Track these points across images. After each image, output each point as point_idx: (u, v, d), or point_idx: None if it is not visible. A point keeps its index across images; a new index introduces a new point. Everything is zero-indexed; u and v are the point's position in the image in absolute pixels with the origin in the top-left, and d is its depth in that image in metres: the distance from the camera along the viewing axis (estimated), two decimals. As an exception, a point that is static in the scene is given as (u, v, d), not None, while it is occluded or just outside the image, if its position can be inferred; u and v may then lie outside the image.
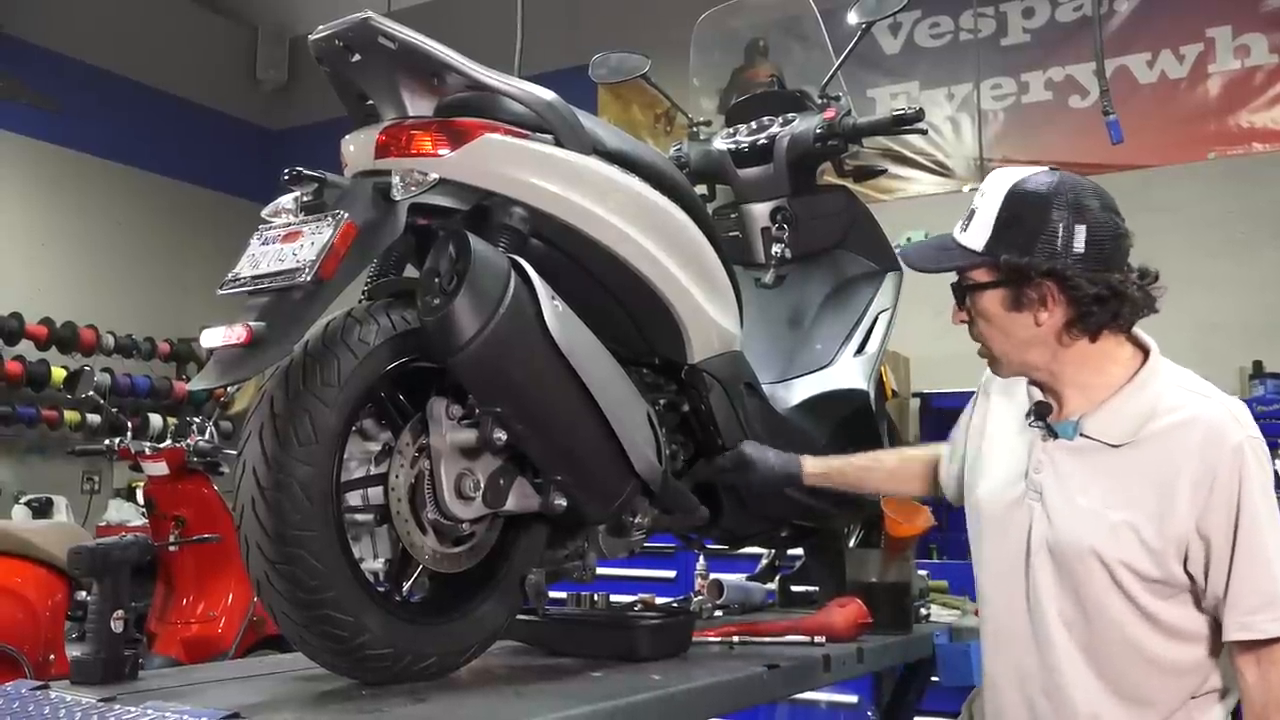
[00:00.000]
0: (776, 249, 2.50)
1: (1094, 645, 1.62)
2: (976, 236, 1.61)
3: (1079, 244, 1.55)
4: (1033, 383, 1.70)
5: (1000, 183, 1.62)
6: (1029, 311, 1.60)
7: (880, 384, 2.59)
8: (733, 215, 2.59)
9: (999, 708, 1.74)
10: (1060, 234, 1.55)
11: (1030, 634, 1.68)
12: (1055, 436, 1.66)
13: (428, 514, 1.60)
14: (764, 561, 2.87)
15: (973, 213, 1.64)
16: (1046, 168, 1.66)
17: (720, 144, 2.60)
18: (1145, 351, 1.67)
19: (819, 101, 2.58)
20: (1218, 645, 1.62)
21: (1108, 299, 1.57)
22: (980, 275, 1.63)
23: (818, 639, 2.11)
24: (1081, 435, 1.64)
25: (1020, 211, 1.58)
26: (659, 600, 2.42)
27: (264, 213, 1.59)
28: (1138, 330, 1.68)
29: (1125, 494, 1.58)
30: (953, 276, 1.70)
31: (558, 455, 1.66)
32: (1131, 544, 1.56)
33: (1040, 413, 1.68)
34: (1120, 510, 1.58)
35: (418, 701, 1.49)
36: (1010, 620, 1.70)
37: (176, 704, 1.41)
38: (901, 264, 2.53)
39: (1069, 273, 1.55)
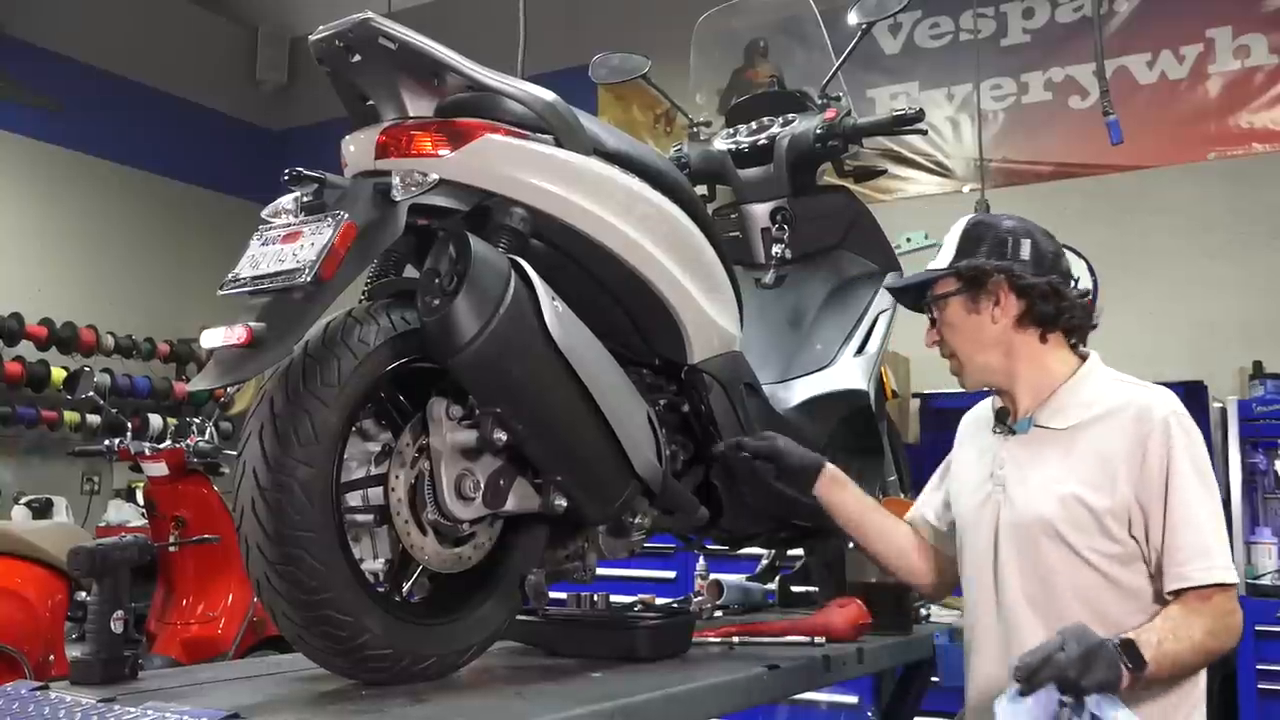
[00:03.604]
0: (776, 249, 2.50)
1: (1057, 620, 1.69)
2: (943, 260, 1.92)
3: (1025, 252, 1.85)
4: (993, 392, 1.95)
5: (960, 221, 1.95)
6: (985, 312, 1.87)
7: (880, 384, 2.60)
8: (733, 215, 2.59)
9: (980, 702, 1.82)
10: (1009, 243, 1.86)
11: (999, 618, 1.82)
12: (1014, 434, 1.89)
13: (428, 514, 1.60)
14: (764, 562, 2.87)
15: (940, 247, 1.94)
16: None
17: (720, 144, 2.60)
18: (1084, 359, 1.91)
19: (819, 102, 2.58)
20: None
21: (1050, 295, 1.84)
22: (944, 286, 1.91)
23: (818, 639, 2.11)
24: (1035, 426, 1.86)
25: (974, 234, 1.90)
26: (659, 601, 2.41)
27: (264, 213, 1.59)
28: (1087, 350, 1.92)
29: (1072, 470, 1.78)
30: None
31: (558, 456, 1.66)
32: (1081, 513, 1.75)
33: (1000, 417, 1.93)
34: (1068, 484, 1.77)
35: (418, 702, 1.49)
36: (983, 612, 1.86)
37: (176, 704, 1.41)
38: (901, 264, 2.56)
39: (1016, 268, 1.84)
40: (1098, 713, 1.50)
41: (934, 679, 2.58)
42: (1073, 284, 1.89)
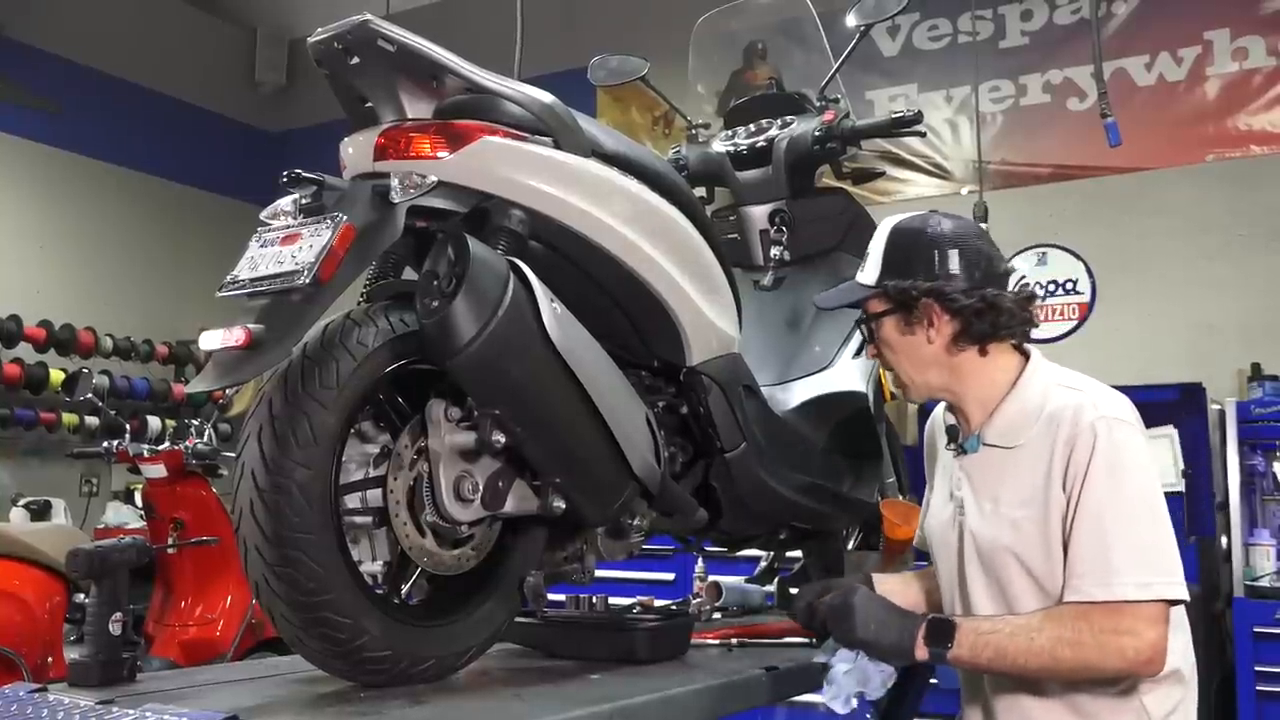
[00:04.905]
0: (775, 251, 2.50)
1: None
2: (870, 274, 1.81)
3: (953, 266, 1.74)
4: (947, 408, 1.87)
5: (885, 226, 1.83)
6: (920, 332, 1.77)
7: (879, 386, 2.59)
8: (731, 217, 2.59)
9: (968, 713, 1.85)
10: (936, 258, 1.75)
11: None
12: (966, 453, 1.81)
13: (426, 516, 1.60)
14: (762, 564, 2.86)
15: (867, 255, 1.83)
16: (926, 210, 1.85)
17: (719, 146, 2.60)
18: (1027, 357, 1.81)
19: (817, 104, 2.57)
20: None
21: (984, 311, 1.73)
22: (875, 306, 1.82)
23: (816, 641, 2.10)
24: (984, 445, 1.78)
25: (901, 245, 1.79)
26: (657, 602, 2.41)
27: (263, 215, 1.59)
28: (1029, 346, 1.83)
29: (1020, 491, 1.71)
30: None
31: (556, 457, 1.66)
32: (1033, 536, 1.68)
33: (951, 435, 1.85)
34: (1019, 507, 1.70)
35: (416, 704, 1.49)
36: None
37: (175, 706, 1.41)
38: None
39: (947, 289, 1.73)
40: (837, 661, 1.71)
41: (932, 680, 2.58)
42: (1012, 285, 1.78)
